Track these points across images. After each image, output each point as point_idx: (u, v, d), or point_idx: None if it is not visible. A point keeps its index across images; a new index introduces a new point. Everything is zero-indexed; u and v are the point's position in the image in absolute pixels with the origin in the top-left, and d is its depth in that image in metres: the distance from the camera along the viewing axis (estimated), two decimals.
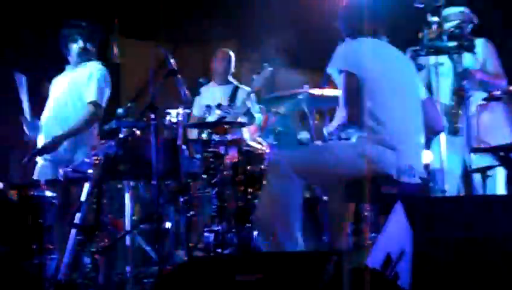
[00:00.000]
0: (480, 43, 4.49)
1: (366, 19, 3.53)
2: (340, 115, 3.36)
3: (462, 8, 4.49)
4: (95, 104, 4.63)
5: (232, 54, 5.89)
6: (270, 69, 5.21)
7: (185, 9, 6.90)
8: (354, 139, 3.38)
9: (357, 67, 3.32)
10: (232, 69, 5.89)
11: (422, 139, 3.46)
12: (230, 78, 5.88)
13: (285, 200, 3.27)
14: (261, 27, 6.63)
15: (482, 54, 4.53)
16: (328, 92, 4.00)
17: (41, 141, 4.68)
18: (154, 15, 6.69)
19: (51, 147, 4.55)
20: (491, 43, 4.62)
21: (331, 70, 3.43)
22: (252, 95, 5.44)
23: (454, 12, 4.46)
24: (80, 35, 4.74)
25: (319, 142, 3.94)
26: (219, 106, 5.11)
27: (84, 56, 4.77)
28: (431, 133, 3.76)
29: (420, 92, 3.57)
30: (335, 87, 3.66)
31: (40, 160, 4.68)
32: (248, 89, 5.49)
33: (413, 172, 3.33)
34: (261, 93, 5.45)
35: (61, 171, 4.59)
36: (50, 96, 4.81)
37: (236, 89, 5.76)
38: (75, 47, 4.76)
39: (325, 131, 3.56)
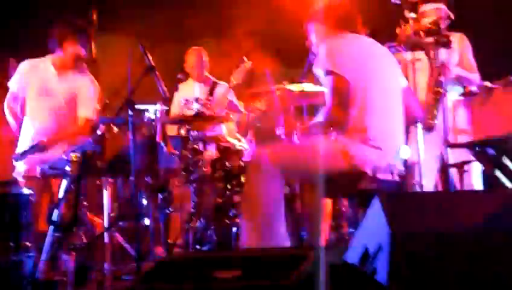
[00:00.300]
0: (456, 38, 4.53)
1: (345, 14, 3.53)
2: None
3: (438, 4, 4.52)
4: (90, 119, 4.65)
5: (204, 51, 5.88)
6: (249, 62, 5.20)
7: (164, 4, 6.87)
8: (332, 137, 3.39)
9: (345, 68, 3.29)
10: (207, 65, 5.87)
11: (403, 137, 3.48)
12: (207, 74, 5.87)
13: (267, 197, 3.25)
14: (241, 23, 6.63)
15: (458, 49, 4.57)
16: (307, 87, 4.01)
17: (27, 137, 4.67)
18: (132, 10, 6.66)
19: (42, 148, 4.55)
20: (466, 38, 4.66)
21: (317, 70, 3.40)
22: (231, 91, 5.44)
23: (431, 9, 4.49)
24: (80, 41, 4.69)
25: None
26: (197, 100, 5.09)
27: (80, 63, 4.74)
28: (410, 123, 3.78)
29: (401, 82, 3.58)
30: (315, 83, 3.66)
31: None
32: (226, 84, 5.48)
33: (393, 170, 3.35)
34: (240, 88, 5.45)
35: (38, 168, 4.56)
36: (38, 91, 4.72)
37: (214, 84, 5.75)
38: (71, 50, 4.71)
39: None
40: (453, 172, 4.28)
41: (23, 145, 4.66)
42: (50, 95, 4.72)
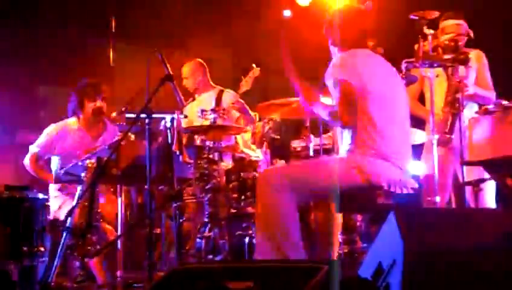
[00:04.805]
0: (473, 55, 4.51)
1: (356, 30, 3.55)
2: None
3: (459, 21, 4.51)
4: None
5: (199, 63, 5.81)
6: (257, 68, 5.15)
7: (181, 15, 6.92)
8: (344, 154, 3.40)
9: (356, 77, 3.33)
10: (207, 76, 5.81)
11: (411, 151, 3.51)
12: (212, 83, 5.82)
13: (282, 210, 3.26)
14: (255, 33, 6.66)
15: (475, 66, 4.55)
16: (323, 100, 4.01)
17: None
18: (151, 19, 6.70)
19: None
20: (484, 55, 4.65)
21: (328, 81, 3.43)
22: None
23: (449, 25, 4.47)
24: (98, 95, 4.77)
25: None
26: (213, 110, 5.07)
27: (99, 116, 4.80)
28: None
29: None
30: (329, 96, 3.67)
31: None
32: (233, 92, 5.44)
33: (405, 183, 3.36)
34: (249, 94, 5.40)
35: (53, 173, 4.59)
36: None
37: (221, 92, 5.70)
38: (91, 105, 4.79)
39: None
40: (468, 190, 4.26)
41: None
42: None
